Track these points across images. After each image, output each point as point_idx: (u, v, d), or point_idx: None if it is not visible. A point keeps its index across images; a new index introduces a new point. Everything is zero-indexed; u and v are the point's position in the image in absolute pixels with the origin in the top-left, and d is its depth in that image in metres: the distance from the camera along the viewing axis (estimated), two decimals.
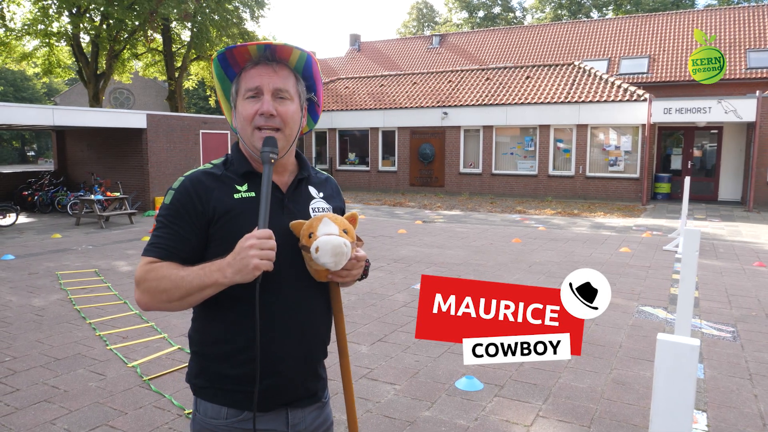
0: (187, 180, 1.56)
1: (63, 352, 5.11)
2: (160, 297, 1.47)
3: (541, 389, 4.37)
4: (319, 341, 1.66)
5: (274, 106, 1.53)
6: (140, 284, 1.49)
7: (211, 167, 1.61)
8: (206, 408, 1.57)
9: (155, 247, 1.51)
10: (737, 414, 3.97)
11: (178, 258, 1.50)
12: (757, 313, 6.50)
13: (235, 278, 1.39)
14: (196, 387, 1.60)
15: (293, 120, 1.57)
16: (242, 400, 1.53)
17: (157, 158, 16.81)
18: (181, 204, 1.52)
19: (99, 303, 6.73)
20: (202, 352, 1.59)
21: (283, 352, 1.54)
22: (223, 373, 1.55)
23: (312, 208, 1.64)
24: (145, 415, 3.87)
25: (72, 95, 47.38)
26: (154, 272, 1.47)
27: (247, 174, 1.58)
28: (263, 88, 1.53)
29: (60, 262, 9.23)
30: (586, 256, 9.94)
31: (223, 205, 1.52)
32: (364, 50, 39.00)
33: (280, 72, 1.55)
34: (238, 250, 1.39)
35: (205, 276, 1.43)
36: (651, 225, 14.24)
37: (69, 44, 25.78)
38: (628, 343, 5.43)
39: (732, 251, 10.48)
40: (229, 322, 1.53)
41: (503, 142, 22.17)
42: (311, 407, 1.67)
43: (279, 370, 1.54)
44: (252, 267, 1.36)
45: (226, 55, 1.55)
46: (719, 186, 20.52)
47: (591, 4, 50.38)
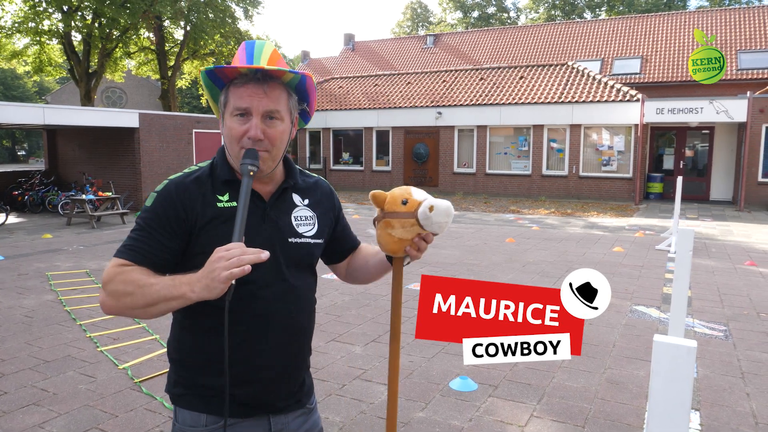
0: (172, 185, 1.52)
1: (52, 354, 5.06)
2: (124, 301, 1.40)
3: (535, 389, 4.36)
4: (302, 349, 1.64)
5: (263, 129, 1.48)
6: (106, 286, 1.42)
7: (197, 171, 1.57)
8: (185, 416, 1.56)
9: (129, 250, 1.45)
10: (730, 412, 3.97)
11: (151, 264, 1.44)
12: (748, 312, 6.52)
13: (203, 294, 1.32)
14: (174, 396, 1.58)
15: (281, 140, 1.53)
16: (220, 406, 1.50)
17: (149, 158, 16.72)
18: (163, 209, 1.48)
19: (90, 304, 6.67)
20: (179, 360, 1.57)
21: (263, 360, 1.52)
22: (200, 383, 1.53)
23: (294, 216, 1.61)
24: (136, 418, 3.83)
25: (63, 94, 47.10)
26: (122, 275, 1.40)
27: (229, 182, 1.54)
28: (252, 110, 1.47)
29: (50, 262, 9.16)
30: (579, 255, 9.96)
31: (205, 215, 1.49)
32: (358, 50, 38.96)
33: (271, 93, 1.49)
34: (207, 264, 1.33)
35: (173, 287, 1.36)
36: (644, 225, 14.29)
37: (60, 42, 25.63)
38: (621, 343, 5.43)
39: (724, 251, 10.52)
40: (205, 331, 1.50)
41: (497, 141, 22.20)
42: (295, 413, 1.64)
43: (259, 378, 1.53)
44: (219, 280, 1.28)
45: (214, 71, 1.50)
46: (711, 186, 20.62)
47: (584, 4, 50.57)
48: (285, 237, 1.56)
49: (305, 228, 1.62)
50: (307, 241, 1.61)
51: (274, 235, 1.55)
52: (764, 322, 6.14)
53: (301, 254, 1.59)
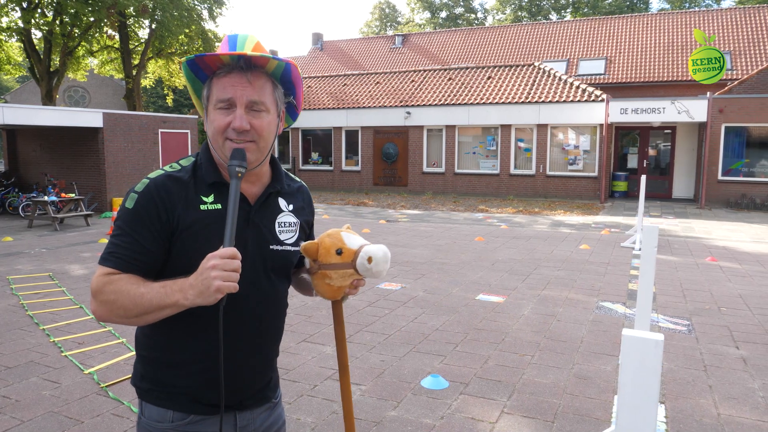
0: (152, 184, 1.44)
1: (14, 360, 4.91)
2: (117, 312, 1.38)
3: (505, 386, 4.41)
4: (272, 351, 1.65)
5: (248, 119, 1.43)
6: (97, 296, 1.39)
7: (179, 170, 1.50)
8: (151, 411, 1.52)
9: (114, 257, 1.40)
10: (693, 404, 4.08)
11: (137, 269, 1.40)
12: (710, 306, 6.71)
13: (197, 300, 1.32)
14: (141, 390, 1.55)
15: (268, 131, 1.48)
16: (187, 403, 1.50)
17: (114, 158, 16.37)
18: (145, 210, 1.42)
19: (53, 308, 6.50)
20: (148, 357, 1.54)
21: (234, 364, 1.51)
22: (168, 381, 1.50)
23: (278, 222, 1.58)
24: (102, 424, 3.75)
25: (23, 93, 45.73)
26: (112, 285, 1.37)
27: (215, 184, 1.49)
28: (236, 100, 1.42)
29: (11, 266, 8.89)
30: (547, 253, 10.11)
31: (188, 217, 1.43)
32: (326, 49, 38.83)
33: (255, 82, 1.44)
34: (201, 271, 1.31)
35: (165, 296, 1.34)
36: (609, 222, 14.58)
37: (20, 40, 24.88)
38: (589, 338, 5.53)
39: (686, 247, 10.81)
40: (177, 331, 1.48)
41: (466, 141, 22.37)
42: (260, 408, 1.64)
43: (228, 381, 1.51)
44: (213, 289, 1.28)
45: (195, 61, 1.44)
46: (673, 184, 21.15)
47: (550, 6, 51.31)
48: (267, 244, 1.54)
49: (287, 235, 1.59)
50: (287, 248, 1.59)
51: (256, 240, 1.52)
52: (725, 316, 6.33)
53: (280, 262, 1.57)
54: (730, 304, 6.79)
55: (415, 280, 7.96)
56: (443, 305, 6.71)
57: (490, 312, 6.43)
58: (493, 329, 5.81)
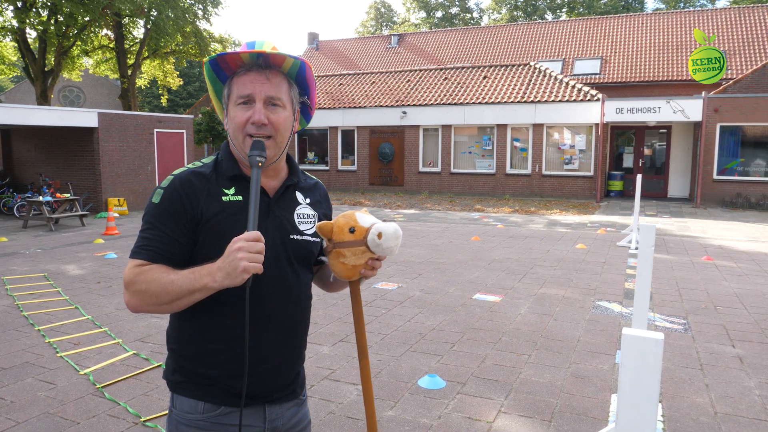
0: (177, 179, 1.54)
1: (9, 361, 4.89)
2: (149, 300, 1.45)
3: (502, 385, 4.40)
4: (299, 342, 1.69)
5: (266, 114, 1.52)
6: (129, 287, 1.47)
7: (201, 166, 1.59)
8: (182, 403, 1.57)
9: (144, 249, 1.49)
10: (690, 403, 4.09)
11: (167, 260, 1.49)
12: (706, 305, 6.73)
13: (225, 282, 1.38)
14: (172, 383, 1.60)
15: (285, 127, 1.57)
16: (219, 394, 1.54)
17: (109, 158, 16.31)
18: (171, 204, 1.50)
19: (49, 309, 6.47)
20: (178, 350, 1.59)
21: (262, 354, 1.55)
22: (198, 372, 1.55)
23: (297, 213, 1.65)
24: (98, 425, 3.73)
25: (18, 93, 45.54)
26: (143, 275, 1.46)
27: (235, 177, 1.57)
28: (255, 96, 1.52)
29: (6, 266, 8.85)
30: (543, 252, 10.12)
31: (211, 208, 1.52)
32: (322, 49, 38.79)
33: (273, 79, 1.54)
34: (227, 254, 1.38)
35: (195, 280, 1.41)
36: (605, 222, 14.61)
37: (14, 40, 24.77)
38: (585, 337, 5.53)
39: (681, 246, 10.84)
40: (205, 322, 1.54)
41: (462, 141, 22.39)
42: (289, 404, 1.68)
43: (258, 371, 1.55)
44: (240, 269, 1.35)
45: (217, 61, 1.54)
46: (669, 183, 21.23)
47: (545, 6, 51.40)
48: (287, 233, 1.60)
49: (306, 226, 1.66)
50: (307, 238, 1.65)
51: (276, 230, 1.58)
52: (721, 315, 6.35)
53: (301, 251, 1.63)
54: (726, 303, 6.81)
55: (411, 280, 7.95)
56: (440, 305, 6.71)
57: (486, 311, 6.43)
58: (490, 329, 5.81)
